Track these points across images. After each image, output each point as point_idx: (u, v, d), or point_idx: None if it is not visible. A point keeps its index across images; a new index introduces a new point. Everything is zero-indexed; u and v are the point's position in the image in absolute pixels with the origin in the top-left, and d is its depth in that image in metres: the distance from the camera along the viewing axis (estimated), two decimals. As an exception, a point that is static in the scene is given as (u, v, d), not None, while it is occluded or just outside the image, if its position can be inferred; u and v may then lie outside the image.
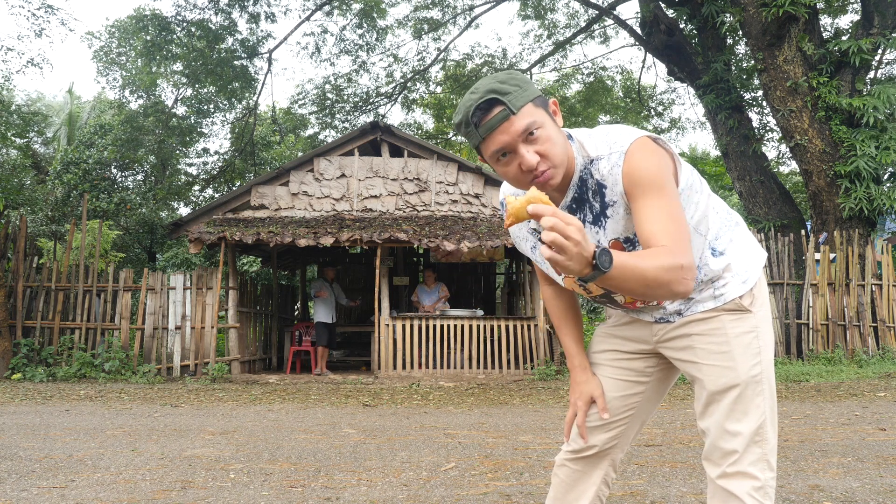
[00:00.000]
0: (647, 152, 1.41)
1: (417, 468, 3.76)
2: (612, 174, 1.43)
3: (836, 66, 10.72)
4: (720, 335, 1.57)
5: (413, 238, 9.46)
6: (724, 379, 1.55)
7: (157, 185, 17.34)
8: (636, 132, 1.45)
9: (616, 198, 1.45)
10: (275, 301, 12.15)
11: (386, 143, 10.57)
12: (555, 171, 1.42)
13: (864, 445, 4.28)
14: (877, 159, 10.07)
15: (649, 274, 1.25)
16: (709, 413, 1.58)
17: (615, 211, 1.47)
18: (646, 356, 1.74)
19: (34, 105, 20.99)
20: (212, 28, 14.94)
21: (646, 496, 3.10)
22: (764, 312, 1.62)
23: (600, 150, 1.46)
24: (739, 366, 1.55)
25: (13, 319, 9.45)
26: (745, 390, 1.54)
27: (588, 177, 1.48)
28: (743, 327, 1.57)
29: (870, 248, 9.80)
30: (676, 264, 1.29)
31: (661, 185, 1.39)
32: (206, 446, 4.44)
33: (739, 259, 1.61)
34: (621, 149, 1.42)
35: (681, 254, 1.32)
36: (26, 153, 15.52)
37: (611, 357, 1.76)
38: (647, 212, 1.38)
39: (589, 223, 1.52)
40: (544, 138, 1.40)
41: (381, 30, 17.59)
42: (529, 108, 1.39)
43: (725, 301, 1.58)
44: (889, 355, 9.24)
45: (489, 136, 1.40)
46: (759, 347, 1.57)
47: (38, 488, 3.31)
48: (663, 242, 1.33)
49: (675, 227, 1.36)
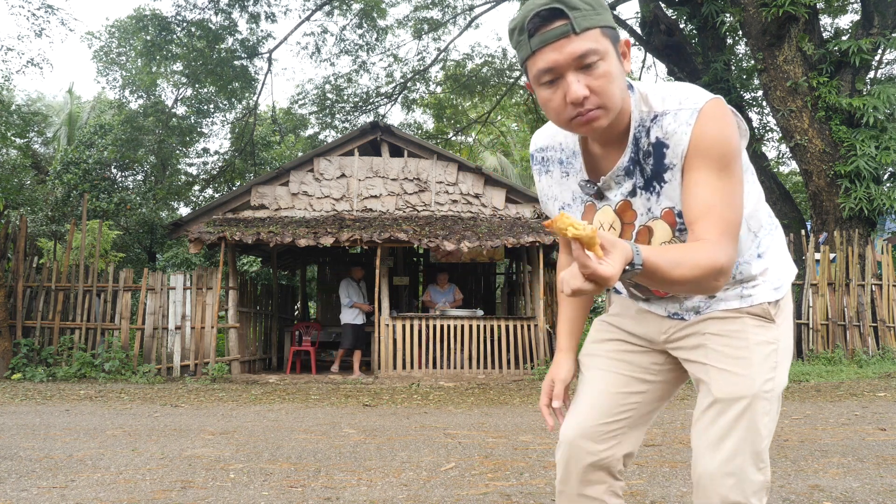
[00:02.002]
0: (725, 118, 1.23)
1: (417, 468, 3.75)
2: (679, 133, 1.23)
3: (836, 66, 10.72)
4: (740, 339, 1.40)
5: (413, 238, 9.46)
6: (736, 387, 1.37)
7: (157, 185, 17.34)
8: (708, 93, 1.26)
9: (677, 160, 1.25)
10: (275, 301, 12.15)
11: (386, 143, 10.57)
12: (604, 113, 1.23)
13: (864, 445, 4.28)
14: (877, 159, 10.07)
15: (680, 275, 1.11)
16: (708, 422, 1.40)
17: (673, 175, 1.27)
18: (652, 351, 1.55)
19: (34, 105, 20.98)
20: (212, 28, 14.93)
21: (646, 496, 3.10)
22: (787, 328, 1.46)
23: (668, 104, 1.27)
24: (755, 376, 1.37)
25: (13, 319, 9.45)
26: (754, 404, 1.36)
27: (642, 135, 1.29)
28: (765, 336, 1.41)
29: (870, 248, 9.79)
30: (716, 267, 1.14)
31: (730, 162, 1.21)
32: (206, 446, 4.44)
33: (776, 266, 1.46)
34: (695, 105, 1.23)
35: (725, 252, 1.16)
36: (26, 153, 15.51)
37: (612, 348, 1.58)
38: (705, 189, 1.20)
39: (641, 189, 1.33)
40: (602, 73, 1.20)
41: (381, 30, 17.59)
42: (595, 34, 1.19)
43: (752, 304, 1.42)
44: (889, 355, 9.24)
45: (541, 50, 1.20)
46: (776, 362, 1.42)
47: (38, 488, 3.31)
48: (711, 233, 1.17)
49: (730, 217, 1.20)
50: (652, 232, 1.36)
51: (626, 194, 1.36)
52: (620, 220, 1.39)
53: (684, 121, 1.23)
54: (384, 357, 9.58)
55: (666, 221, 1.33)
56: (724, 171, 1.21)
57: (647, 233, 1.37)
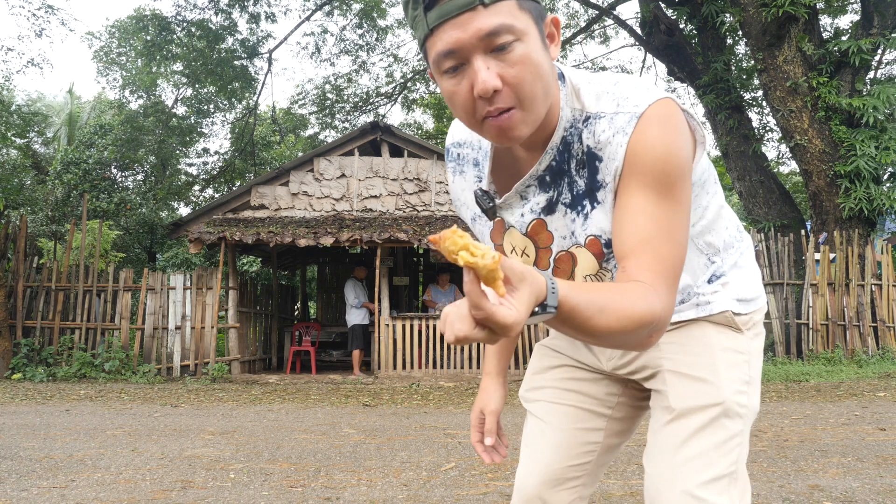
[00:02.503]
0: (671, 127, 0.96)
1: (417, 468, 3.76)
2: (614, 143, 0.97)
3: (835, 66, 10.73)
4: (700, 343, 1.16)
5: (413, 238, 9.46)
6: (700, 396, 1.11)
7: (157, 185, 17.35)
8: (655, 91, 0.99)
9: (610, 179, 0.99)
10: (275, 301, 12.16)
11: (386, 143, 10.57)
12: (521, 116, 0.94)
13: (864, 445, 4.28)
14: (877, 159, 10.07)
15: (605, 325, 0.84)
16: (664, 440, 1.12)
17: (606, 196, 1.01)
18: (604, 379, 1.29)
19: (34, 105, 20.98)
20: (212, 28, 14.95)
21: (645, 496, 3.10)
22: (757, 346, 1.20)
23: (603, 104, 1.00)
24: (723, 383, 1.12)
25: (13, 319, 9.45)
26: (723, 418, 1.10)
27: (574, 140, 1.02)
28: (732, 344, 1.16)
29: (870, 248, 9.80)
30: (651, 318, 0.88)
31: (674, 182, 0.95)
32: (206, 446, 4.44)
33: (739, 281, 1.21)
34: (634, 110, 0.97)
35: (661, 300, 0.91)
36: (26, 153, 15.52)
37: (560, 376, 1.31)
38: (640, 217, 0.95)
39: (565, 206, 1.05)
40: (519, 58, 0.91)
41: (381, 30, 17.60)
42: (510, 7, 0.91)
43: (712, 312, 1.16)
44: (889, 355, 9.24)
45: (440, 27, 0.91)
46: (749, 377, 1.15)
47: (39, 488, 3.31)
48: (645, 274, 0.92)
49: (670, 255, 0.94)
50: (575, 261, 1.08)
51: (538, 212, 1.08)
52: (534, 243, 1.11)
53: (620, 128, 0.97)
54: (384, 357, 9.59)
55: (591, 251, 1.06)
56: (666, 194, 0.95)
57: (569, 261, 1.09)
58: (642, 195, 0.95)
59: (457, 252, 0.72)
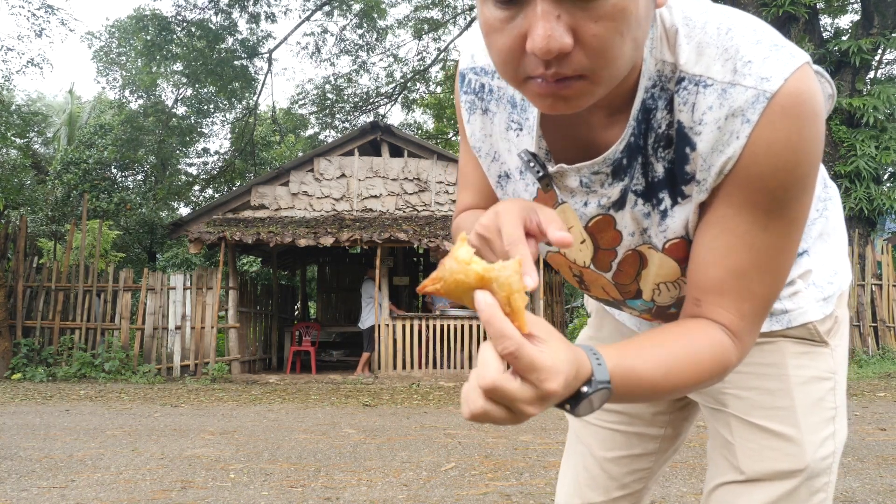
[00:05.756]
0: (809, 118, 0.66)
1: (417, 468, 3.76)
2: (726, 132, 0.67)
3: (836, 66, 10.73)
4: (775, 375, 0.92)
5: (413, 238, 9.46)
6: (776, 461, 0.90)
7: (157, 185, 17.35)
8: (790, 52, 0.67)
9: (709, 177, 0.70)
10: (275, 301, 12.16)
11: (386, 143, 10.57)
12: (589, 87, 0.63)
13: (864, 445, 4.28)
14: (877, 159, 10.08)
15: (667, 390, 0.68)
16: (731, 501, 0.93)
17: (696, 193, 0.72)
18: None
19: (34, 105, 20.98)
20: (212, 28, 14.96)
21: (646, 496, 3.10)
22: (843, 349, 0.96)
23: (710, 65, 0.68)
24: (805, 438, 0.89)
25: (13, 319, 9.45)
26: (808, 480, 0.89)
27: (658, 107, 0.72)
28: (813, 370, 0.92)
29: (870, 248, 9.80)
30: (720, 372, 0.70)
31: (793, 199, 0.69)
32: (206, 446, 4.44)
33: (825, 264, 0.94)
34: (764, 86, 0.65)
35: (741, 348, 0.71)
36: (26, 153, 15.51)
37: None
38: (737, 243, 0.70)
39: (636, 195, 0.77)
40: (611, 9, 0.58)
41: (381, 30, 17.62)
42: None
43: (790, 325, 0.91)
44: (889, 355, 9.24)
45: None
46: (835, 408, 0.93)
47: (39, 488, 3.31)
48: (728, 317, 0.71)
49: (766, 287, 0.71)
50: (644, 262, 0.83)
51: (606, 207, 0.79)
52: (594, 242, 0.85)
53: (738, 109, 0.66)
54: (384, 357, 9.58)
55: (672, 256, 0.80)
56: (779, 214, 0.69)
57: (635, 262, 0.84)
58: (747, 215, 0.69)
59: (471, 289, 0.54)
